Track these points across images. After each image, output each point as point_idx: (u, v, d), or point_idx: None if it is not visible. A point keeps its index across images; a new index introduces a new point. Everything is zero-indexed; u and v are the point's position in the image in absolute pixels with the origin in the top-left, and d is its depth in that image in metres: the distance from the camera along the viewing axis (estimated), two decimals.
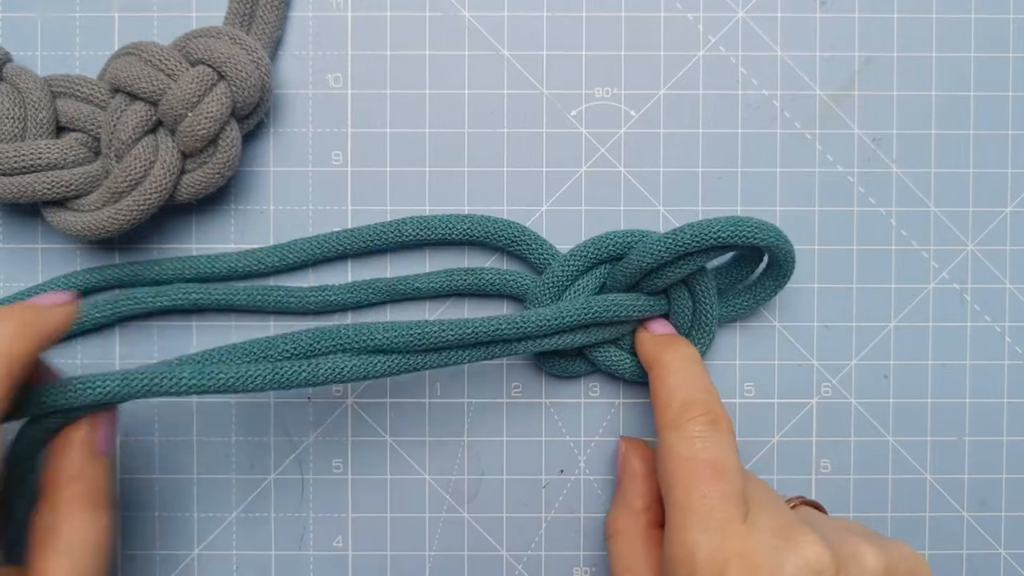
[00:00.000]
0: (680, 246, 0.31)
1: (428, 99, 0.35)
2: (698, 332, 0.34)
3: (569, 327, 0.32)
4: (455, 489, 0.36)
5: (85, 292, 0.35)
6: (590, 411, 0.36)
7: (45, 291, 0.34)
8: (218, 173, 0.33)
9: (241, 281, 0.35)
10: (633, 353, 0.34)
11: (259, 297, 0.34)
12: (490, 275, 0.34)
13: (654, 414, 0.31)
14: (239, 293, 0.34)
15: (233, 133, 0.32)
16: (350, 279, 0.35)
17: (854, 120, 0.36)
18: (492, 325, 0.31)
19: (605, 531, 0.33)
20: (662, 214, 0.35)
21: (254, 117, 0.33)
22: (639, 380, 0.34)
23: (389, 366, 0.30)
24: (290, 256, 0.34)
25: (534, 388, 0.36)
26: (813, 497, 0.35)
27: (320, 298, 0.34)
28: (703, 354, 0.34)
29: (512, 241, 0.34)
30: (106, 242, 0.35)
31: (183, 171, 0.32)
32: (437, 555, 0.35)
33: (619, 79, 0.35)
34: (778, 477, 0.36)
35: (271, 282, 0.35)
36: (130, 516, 0.35)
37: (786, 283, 0.34)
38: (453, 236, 0.34)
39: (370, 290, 0.34)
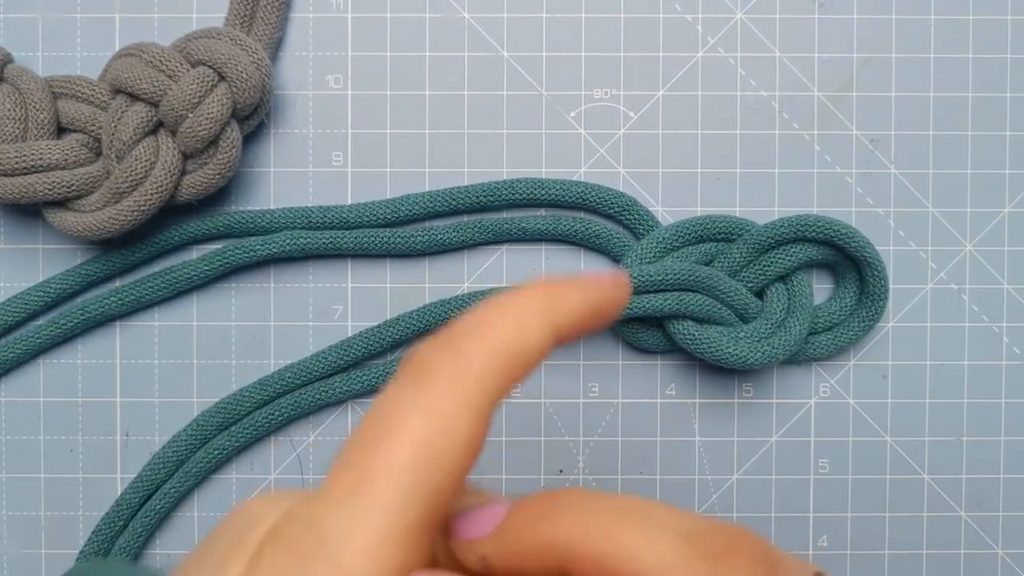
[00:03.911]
0: (803, 227, 0.33)
1: (428, 100, 0.35)
2: (787, 331, 0.34)
3: (668, 286, 0.33)
4: None
5: (196, 241, 0.35)
6: (589, 411, 0.36)
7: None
8: (219, 174, 0.33)
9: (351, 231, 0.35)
10: (717, 335, 0.34)
11: (367, 241, 0.35)
12: (597, 227, 0.35)
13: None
14: (348, 238, 0.34)
15: (234, 134, 0.32)
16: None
17: (852, 121, 0.36)
18: None
19: None
20: (661, 215, 0.36)
21: (255, 118, 0.33)
22: (718, 363, 0.34)
23: None
24: (402, 210, 0.35)
25: (534, 388, 0.36)
26: (811, 498, 0.36)
27: (429, 238, 0.35)
28: (779, 359, 0.33)
29: (623, 210, 0.35)
30: (107, 242, 0.35)
31: (184, 172, 0.33)
32: None
33: (618, 80, 0.36)
34: (776, 477, 0.36)
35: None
36: None
37: (872, 325, 0.35)
38: (565, 199, 0.35)
39: (478, 229, 0.35)
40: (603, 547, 0.17)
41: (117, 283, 0.35)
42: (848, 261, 0.34)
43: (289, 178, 0.35)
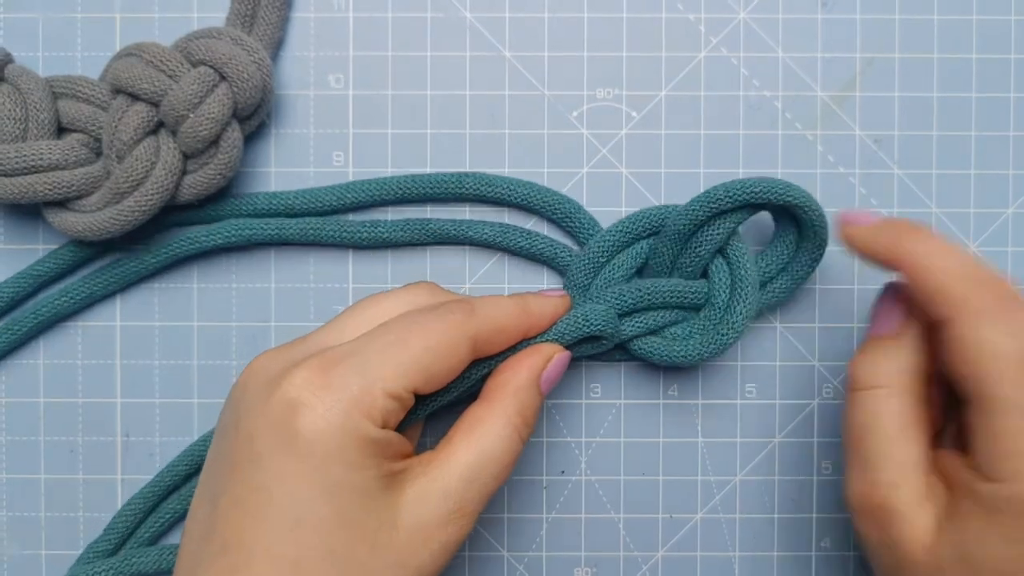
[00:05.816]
0: (714, 202, 0.31)
1: (429, 100, 0.35)
2: (732, 314, 0.32)
3: (590, 333, 0.32)
4: None
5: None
6: (591, 412, 0.36)
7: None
8: (219, 174, 0.33)
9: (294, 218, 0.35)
10: (670, 338, 0.33)
11: (311, 231, 0.34)
12: (541, 243, 0.35)
13: (927, 308, 0.28)
14: (291, 227, 0.34)
15: (234, 134, 0.32)
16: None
17: (856, 121, 0.36)
18: None
19: (854, 382, 0.30)
20: None
21: (255, 118, 0.33)
22: (676, 364, 0.33)
23: None
24: (348, 196, 0.34)
25: None
26: (813, 499, 0.36)
27: (371, 233, 0.34)
28: (740, 338, 0.33)
29: (566, 216, 0.35)
30: (107, 243, 0.35)
31: (184, 172, 0.32)
32: None
33: (620, 80, 0.35)
34: (779, 478, 0.36)
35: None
36: None
37: (822, 254, 0.33)
38: (510, 198, 0.35)
39: (422, 230, 0.35)
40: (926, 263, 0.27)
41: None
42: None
43: (290, 178, 0.35)
